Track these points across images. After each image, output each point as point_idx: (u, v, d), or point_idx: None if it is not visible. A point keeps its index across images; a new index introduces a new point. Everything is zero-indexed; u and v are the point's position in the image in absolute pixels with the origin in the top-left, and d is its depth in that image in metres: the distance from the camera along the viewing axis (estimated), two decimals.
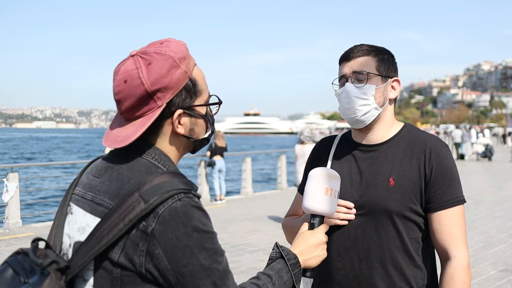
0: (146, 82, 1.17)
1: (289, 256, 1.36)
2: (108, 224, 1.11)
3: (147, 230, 1.09)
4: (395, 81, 1.75)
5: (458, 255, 1.62)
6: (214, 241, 1.14)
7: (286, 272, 1.33)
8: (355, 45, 1.76)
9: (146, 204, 1.10)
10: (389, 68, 1.73)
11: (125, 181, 1.16)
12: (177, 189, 1.12)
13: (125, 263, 1.11)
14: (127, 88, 1.18)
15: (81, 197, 1.23)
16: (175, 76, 1.19)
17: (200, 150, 1.38)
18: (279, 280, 1.30)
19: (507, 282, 5.57)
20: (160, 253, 1.09)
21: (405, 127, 1.79)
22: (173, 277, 1.10)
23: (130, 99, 1.18)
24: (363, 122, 1.71)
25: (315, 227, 1.54)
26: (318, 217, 1.56)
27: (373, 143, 1.75)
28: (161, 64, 1.18)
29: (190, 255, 1.10)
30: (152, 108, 1.19)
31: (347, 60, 1.72)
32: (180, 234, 1.09)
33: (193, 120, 1.26)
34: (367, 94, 1.68)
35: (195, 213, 1.12)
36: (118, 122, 1.25)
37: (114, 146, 1.20)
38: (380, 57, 1.72)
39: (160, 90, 1.18)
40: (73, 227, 1.21)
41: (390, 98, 1.74)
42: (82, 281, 1.16)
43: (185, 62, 1.22)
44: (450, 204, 1.64)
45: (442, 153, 1.67)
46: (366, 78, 1.68)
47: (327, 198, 1.56)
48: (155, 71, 1.17)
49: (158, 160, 1.21)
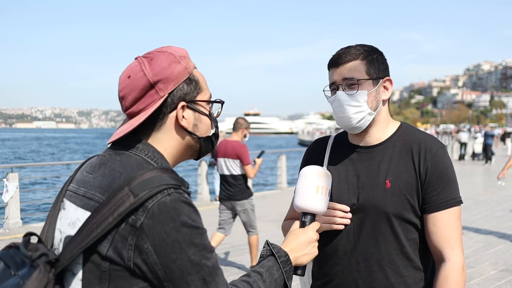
0: (149, 73, 1.22)
1: (279, 254, 1.37)
2: (98, 218, 1.12)
3: (136, 224, 1.10)
4: (387, 80, 1.71)
5: (453, 257, 1.61)
6: (204, 237, 1.15)
7: (277, 269, 1.34)
8: (342, 48, 1.71)
9: (135, 198, 1.10)
10: (379, 69, 1.69)
11: (116, 176, 1.17)
12: (167, 184, 1.13)
13: (113, 257, 1.11)
14: (131, 82, 1.23)
15: (74, 192, 1.25)
16: (176, 70, 1.24)
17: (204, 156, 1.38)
18: (270, 277, 1.31)
19: (507, 282, 5.56)
20: (148, 247, 1.10)
21: (401, 126, 1.76)
22: (162, 272, 1.11)
23: (133, 91, 1.23)
24: (359, 128, 1.69)
25: (306, 225, 1.54)
26: (309, 215, 1.56)
27: (369, 144, 1.74)
28: (162, 58, 1.24)
29: (179, 250, 1.10)
30: (154, 99, 1.22)
31: (336, 66, 1.69)
32: (169, 228, 1.10)
33: (196, 115, 1.29)
34: (360, 101, 1.65)
35: (185, 208, 1.13)
36: (125, 122, 1.29)
37: (115, 138, 1.24)
38: (369, 58, 1.67)
39: (162, 81, 1.22)
40: (64, 222, 1.23)
41: (383, 99, 1.71)
42: (71, 275, 1.17)
43: (185, 61, 1.27)
44: (445, 206, 1.62)
45: (438, 153, 1.65)
46: (357, 85, 1.65)
47: (318, 196, 1.56)
48: (157, 64, 1.23)
49: (151, 157, 1.22)
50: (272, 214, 9.87)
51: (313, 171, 1.61)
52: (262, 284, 1.27)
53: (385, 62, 1.72)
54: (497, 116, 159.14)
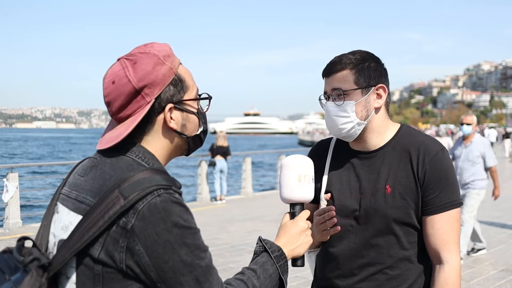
0: (133, 79, 1.20)
1: (272, 249, 1.37)
2: (89, 222, 1.12)
3: (127, 227, 1.10)
4: (380, 88, 1.69)
5: (451, 260, 1.62)
6: (196, 237, 1.15)
7: (271, 264, 1.33)
8: (336, 57, 1.71)
9: (125, 200, 1.10)
10: (370, 77, 1.67)
11: (106, 179, 1.17)
12: (157, 185, 1.13)
13: (105, 260, 1.11)
14: (116, 88, 1.21)
15: (67, 196, 1.25)
16: (161, 72, 1.22)
17: (195, 151, 1.39)
18: (264, 273, 1.31)
19: (507, 282, 5.56)
20: (140, 249, 1.10)
21: (400, 129, 1.75)
22: (155, 273, 1.11)
23: (119, 98, 1.21)
24: (351, 136, 1.70)
25: (296, 215, 1.54)
26: (298, 205, 1.56)
27: (368, 150, 1.73)
28: (146, 61, 1.21)
29: (171, 250, 1.10)
30: (141, 105, 1.21)
31: (327, 75, 1.70)
32: (160, 229, 1.10)
33: (184, 115, 1.28)
34: (347, 111, 1.65)
35: (175, 208, 1.12)
36: (111, 127, 1.27)
37: (105, 146, 1.22)
38: (359, 67, 1.66)
39: (147, 86, 1.20)
40: (57, 226, 1.23)
41: (375, 107, 1.69)
42: (65, 278, 1.17)
43: (170, 60, 1.25)
44: (443, 209, 1.62)
45: (437, 156, 1.64)
46: (343, 95, 1.65)
47: (301, 185, 1.55)
48: (140, 69, 1.20)
49: (142, 158, 1.22)
50: (272, 214, 9.87)
51: (293, 161, 1.59)
52: (256, 280, 1.27)
53: (378, 69, 1.70)
54: (497, 116, 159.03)
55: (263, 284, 1.29)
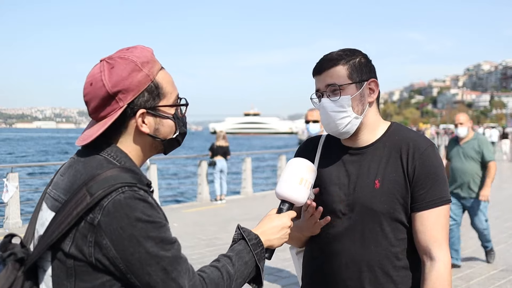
0: (108, 84, 1.26)
1: (250, 237, 1.41)
2: (60, 218, 1.19)
3: (94, 222, 1.17)
4: (372, 82, 1.71)
5: (441, 256, 1.63)
6: (162, 230, 1.20)
7: (247, 252, 1.38)
8: (325, 55, 1.73)
9: (91, 197, 1.17)
10: (362, 72, 1.68)
11: (77, 177, 1.24)
12: (122, 183, 1.19)
13: (76, 254, 1.19)
14: (92, 90, 1.28)
15: (49, 194, 1.32)
16: (136, 79, 1.27)
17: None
18: (239, 260, 1.35)
19: (507, 282, 5.56)
20: (107, 243, 1.16)
21: (391, 127, 1.77)
22: (123, 265, 1.17)
23: (95, 100, 1.28)
24: (347, 133, 1.71)
25: (282, 212, 1.57)
26: (288, 203, 1.59)
27: (360, 146, 1.75)
28: (122, 67, 1.26)
29: (136, 243, 1.16)
30: (114, 109, 1.27)
31: (319, 73, 1.71)
32: (125, 224, 1.16)
33: (158, 120, 1.33)
34: (344, 106, 1.66)
35: (139, 205, 1.18)
36: (90, 125, 1.34)
37: (80, 144, 1.30)
38: (351, 63, 1.67)
39: (121, 92, 1.26)
40: (39, 223, 1.31)
41: (369, 101, 1.71)
42: (42, 272, 1.26)
43: (148, 66, 1.29)
44: (433, 205, 1.63)
45: (426, 152, 1.66)
46: (339, 90, 1.66)
47: (300, 187, 1.59)
48: (116, 74, 1.26)
49: (114, 156, 1.28)
50: None
51: (301, 163, 1.64)
52: (231, 267, 1.32)
53: (369, 64, 1.72)
54: (497, 116, 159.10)
55: (238, 271, 1.33)
